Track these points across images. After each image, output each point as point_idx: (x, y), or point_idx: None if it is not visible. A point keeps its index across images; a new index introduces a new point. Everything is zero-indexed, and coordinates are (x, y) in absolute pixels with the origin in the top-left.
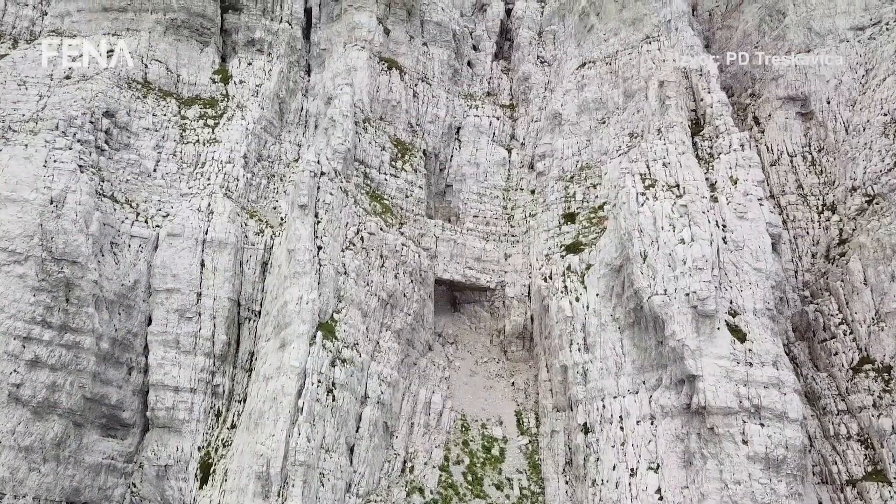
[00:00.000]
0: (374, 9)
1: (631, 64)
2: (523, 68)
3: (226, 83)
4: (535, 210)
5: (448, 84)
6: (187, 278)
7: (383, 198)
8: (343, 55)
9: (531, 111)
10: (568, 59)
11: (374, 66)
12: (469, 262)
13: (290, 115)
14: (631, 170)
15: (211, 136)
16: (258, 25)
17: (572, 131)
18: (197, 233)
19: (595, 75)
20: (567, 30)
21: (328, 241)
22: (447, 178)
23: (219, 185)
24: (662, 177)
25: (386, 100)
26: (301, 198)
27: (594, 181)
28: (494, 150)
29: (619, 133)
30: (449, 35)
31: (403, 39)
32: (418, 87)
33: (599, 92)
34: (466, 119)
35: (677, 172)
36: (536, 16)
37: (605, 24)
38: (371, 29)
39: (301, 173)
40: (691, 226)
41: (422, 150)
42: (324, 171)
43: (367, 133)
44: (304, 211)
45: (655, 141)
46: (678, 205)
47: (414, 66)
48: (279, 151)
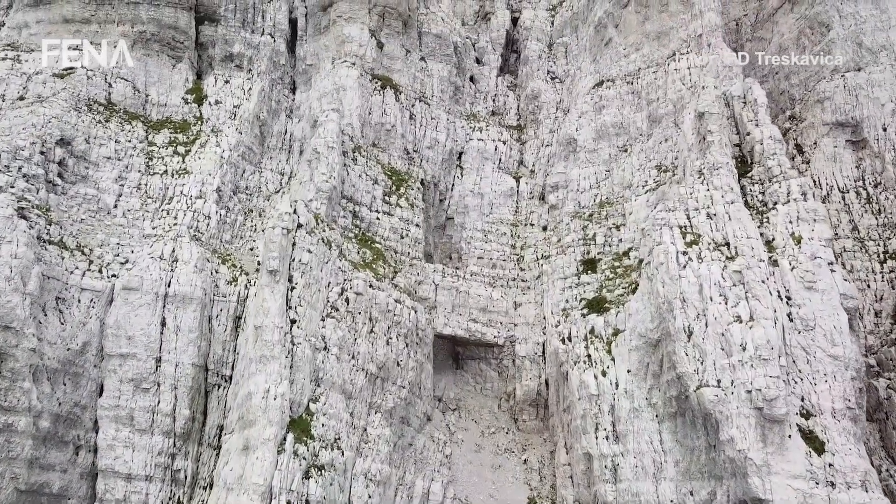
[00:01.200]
0: (365, 20)
1: (656, 84)
2: (532, 85)
3: (200, 104)
4: (549, 251)
5: (449, 103)
6: (145, 341)
7: (374, 241)
8: (331, 72)
9: (541, 134)
10: (582, 77)
11: (366, 84)
12: (473, 313)
13: (271, 138)
14: (668, 221)
15: (181, 166)
16: (237, 38)
17: (589, 159)
18: (157, 286)
19: (614, 96)
20: (581, 43)
21: (305, 310)
22: (448, 210)
23: (186, 225)
24: (707, 231)
25: (379, 123)
26: (271, 261)
27: (617, 220)
28: (500, 179)
29: (645, 164)
30: (450, 48)
31: (399, 54)
32: (415, 107)
33: (620, 115)
34: (469, 143)
35: (726, 226)
36: (546, 26)
37: (625, 38)
38: (362, 42)
39: (272, 230)
40: (749, 299)
41: (419, 180)
42: (301, 222)
43: (356, 165)
44: (274, 277)
45: (696, 185)
46: (730, 270)
47: (411, 84)
48: (259, 182)
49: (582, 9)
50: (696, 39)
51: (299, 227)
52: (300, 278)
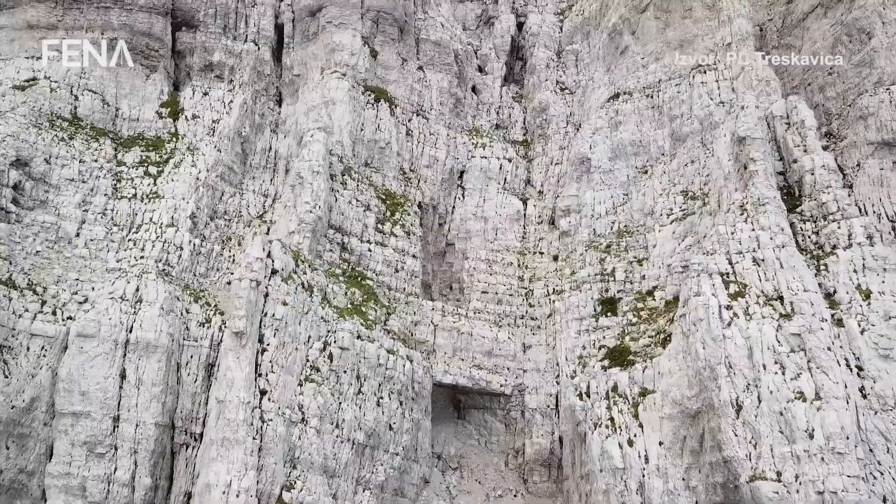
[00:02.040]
0: (357, 26)
1: (679, 99)
2: (539, 97)
3: (175, 118)
4: (561, 285)
5: (449, 117)
6: (101, 397)
7: (365, 276)
8: (320, 84)
9: (550, 150)
10: (595, 88)
11: (358, 97)
12: (477, 357)
13: (254, 156)
14: (706, 266)
15: (152, 189)
16: (217, 46)
17: (605, 181)
18: (117, 332)
19: (632, 111)
20: (593, 51)
21: (278, 377)
22: (448, 235)
23: (155, 258)
24: (755, 281)
25: (372, 140)
26: (236, 321)
27: (638, 253)
28: (506, 201)
29: (669, 189)
30: (450, 56)
31: (394, 63)
32: (412, 122)
33: (638, 132)
34: (471, 161)
35: (777, 275)
36: (554, 32)
37: (644, 47)
38: (354, 51)
39: (238, 284)
40: (812, 370)
41: (416, 203)
42: (276, 267)
43: (346, 189)
44: (240, 340)
45: (738, 223)
46: (787, 331)
47: (407, 97)
48: (239, 205)
49: (594, 13)
50: (724, 49)
51: (274, 274)
52: (273, 338)
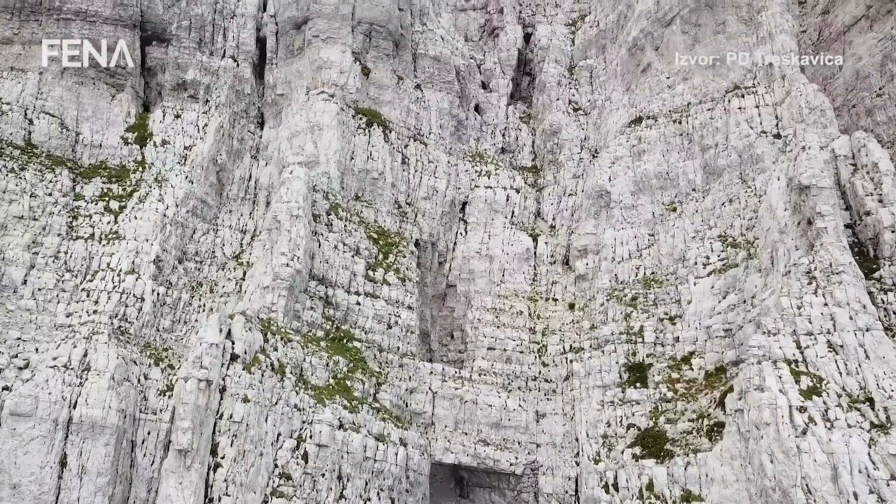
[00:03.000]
0: (347, 40)
1: (713, 126)
2: (550, 118)
3: (143, 144)
4: (580, 341)
5: (449, 141)
6: (35, 491)
7: (352, 337)
8: (305, 106)
9: (563, 179)
10: (613, 109)
11: (348, 121)
12: (483, 430)
13: (232, 186)
14: (769, 350)
15: (112, 229)
16: (192, 63)
17: (627, 218)
18: (58, 410)
19: (657, 138)
20: (610, 67)
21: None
22: (449, 276)
23: (109, 313)
24: (833, 374)
25: (364, 170)
26: (180, 435)
27: (669, 308)
28: (514, 237)
29: (704, 232)
30: (451, 73)
31: (389, 82)
32: (409, 148)
33: (665, 163)
34: (475, 191)
35: (861, 367)
36: (565, 45)
37: (669, 65)
38: (344, 68)
39: (183, 385)
40: None
41: (413, 242)
42: (237, 351)
43: (331, 232)
44: (184, 460)
45: (807, 295)
46: (884, 450)
47: (403, 120)
48: (213, 244)
49: (611, 26)
50: (765, 70)
51: (234, 361)
52: (229, 447)
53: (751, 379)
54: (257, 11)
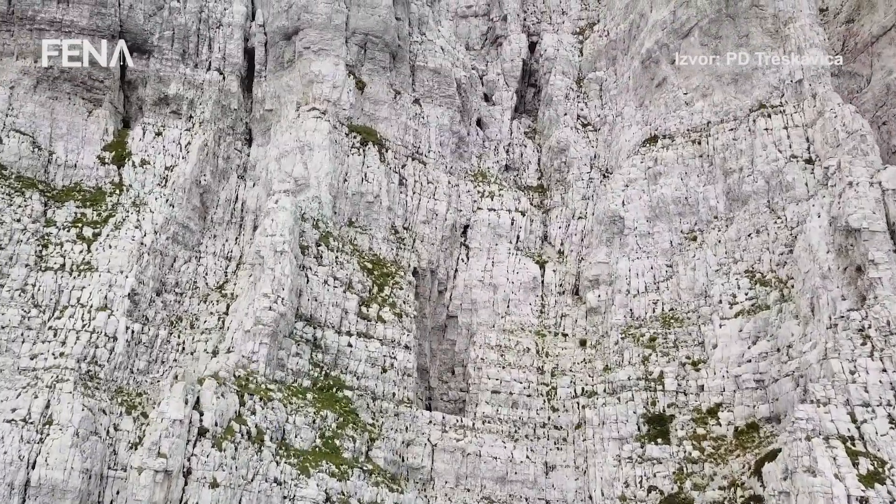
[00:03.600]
0: (341, 52)
1: (736, 148)
2: (557, 134)
3: (121, 164)
4: (593, 385)
5: (450, 159)
6: None
7: (343, 384)
8: (295, 123)
9: (571, 200)
10: (625, 126)
11: (341, 140)
12: (486, 485)
13: (216, 209)
14: (821, 426)
15: (85, 258)
16: (174, 76)
17: (642, 247)
18: (13, 473)
19: (674, 159)
20: (621, 80)
21: None
22: (449, 306)
23: (77, 356)
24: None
25: (358, 193)
26: None
27: (692, 351)
28: (519, 265)
29: (729, 266)
30: (451, 87)
31: (385, 97)
32: (407, 168)
33: (683, 187)
34: (477, 214)
35: None
36: (573, 55)
37: (687, 79)
38: (337, 83)
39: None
40: None
41: (411, 270)
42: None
43: (321, 265)
44: None
45: (861, 358)
46: None
47: (401, 137)
48: (195, 273)
49: (622, 36)
50: (793, 87)
51: (201, 437)
52: None
53: (799, 458)
54: (245, 21)
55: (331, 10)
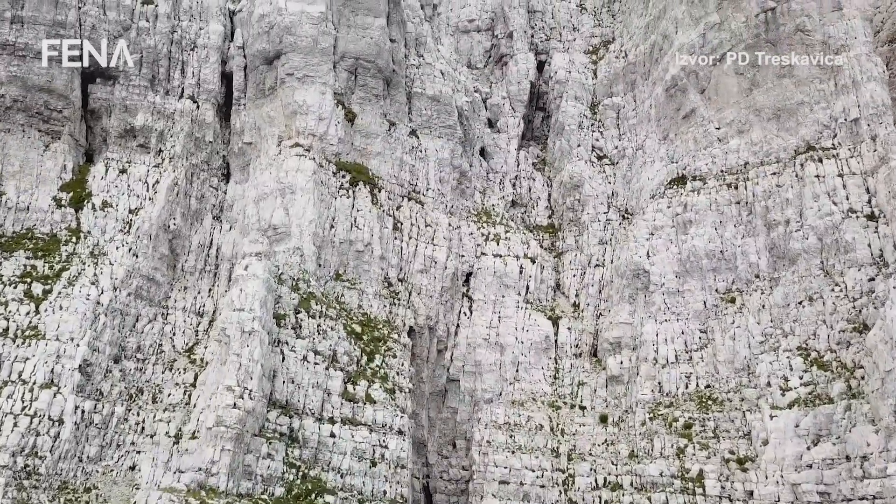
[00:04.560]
0: (328, 79)
1: (782, 197)
2: (571, 168)
3: (79, 207)
4: (618, 476)
5: (451, 197)
6: None
7: (325, 487)
8: (276, 161)
9: (587, 245)
10: (648, 162)
11: (328, 181)
12: None
13: (188, 256)
14: None
15: (31, 322)
16: (142, 105)
17: (671, 307)
18: None
19: (707, 205)
20: (642, 108)
21: None
22: (450, 367)
23: (12, 449)
24: None
25: (346, 241)
26: None
27: (737, 445)
28: (529, 321)
29: (776, 337)
30: (452, 116)
31: (378, 128)
32: (402, 210)
33: (718, 239)
34: (481, 260)
35: None
36: (586, 78)
37: (719, 112)
38: (323, 114)
39: None
40: None
41: (406, 330)
42: None
43: (300, 338)
44: None
45: None
46: None
47: (396, 175)
48: (160, 335)
49: (642, 58)
50: (848, 127)
51: None
52: None
53: None
54: (223, 42)
55: (317, 31)
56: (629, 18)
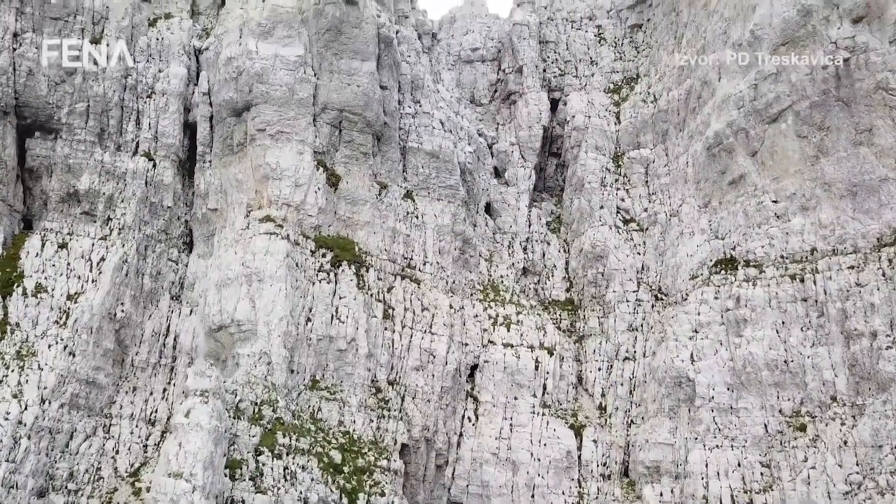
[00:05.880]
0: (306, 135)
1: (863, 300)
2: (592, 235)
3: (7, 293)
4: None
5: (452, 271)
6: None
7: None
8: (243, 238)
9: (614, 331)
10: (686, 232)
11: (304, 262)
12: None
13: (139, 347)
14: None
15: None
16: (87, 164)
17: (724, 429)
18: None
19: (766, 301)
20: (676, 165)
21: None
22: (452, 489)
23: None
24: None
25: (326, 338)
26: None
27: None
28: (547, 431)
29: (866, 491)
30: (454, 175)
31: (367, 193)
32: (395, 291)
33: (781, 345)
34: (489, 350)
35: None
36: (608, 124)
37: (777, 182)
38: (301, 179)
39: None
40: None
41: (398, 448)
42: None
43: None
44: None
45: None
46: None
47: (387, 248)
48: (101, 453)
49: (676, 105)
50: None
51: None
52: None
53: None
54: (186, 87)
55: (293, 79)
56: (657, 54)
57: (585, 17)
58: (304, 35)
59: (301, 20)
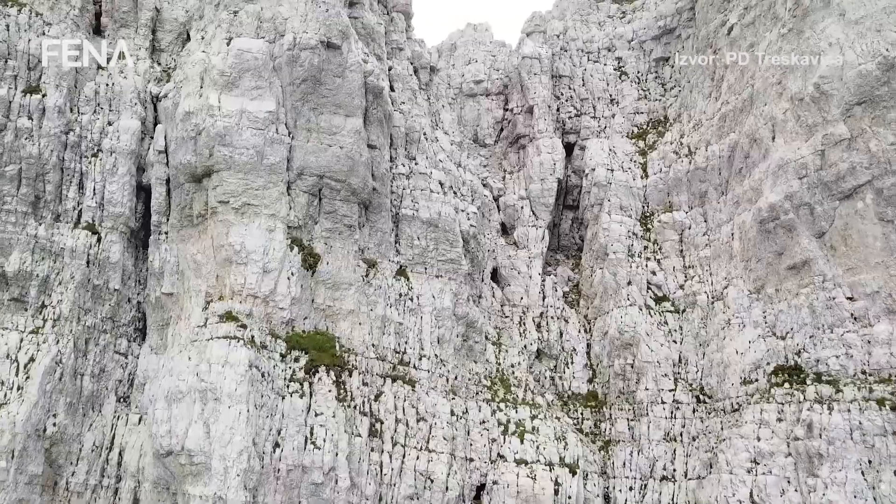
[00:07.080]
0: (278, 208)
1: None
2: (619, 318)
3: None
4: None
5: (453, 364)
6: None
7: None
8: (199, 340)
9: (647, 441)
10: (734, 322)
11: (272, 370)
12: None
13: (76, 466)
14: None
15: None
16: (18, 240)
17: None
18: None
19: (847, 431)
20: (719, 235)
21: None
22: None
23: None
24: None
25: (297, 468)
26: None
27: None
28: None
29: None
30: (455, 247)
31: (351, 275)
32: (384, 398)
33: (870, 492)
34: (498, 468)
35: None
36: (634, 178)
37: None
38: (270, 264)
39: None
40: None
41: None
42: None
43: None
44: None
45: None
46: None
47: (376, 342)
48: None
49: (717, 163)
50: None
51: None
52: None
53: None
54: (138, 143)
55: (262, 140)
56: (690, 97)
57: (604, 48)
58: (276, 86)
59: (273, 68)
